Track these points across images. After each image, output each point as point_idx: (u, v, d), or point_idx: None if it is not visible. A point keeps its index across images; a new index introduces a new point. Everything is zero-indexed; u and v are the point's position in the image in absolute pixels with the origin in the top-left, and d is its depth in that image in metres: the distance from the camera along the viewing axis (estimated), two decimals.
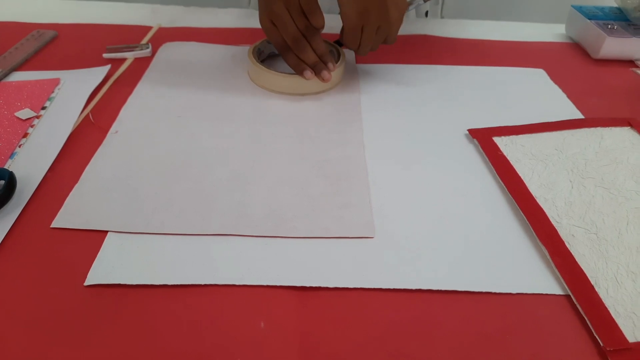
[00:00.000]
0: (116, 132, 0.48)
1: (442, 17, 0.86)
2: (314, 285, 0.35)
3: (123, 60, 0.61)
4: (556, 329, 0.33)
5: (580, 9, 0.71)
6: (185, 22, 0.71)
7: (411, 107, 0.55)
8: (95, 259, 0.36)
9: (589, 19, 0.68)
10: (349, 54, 0.65)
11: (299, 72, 0.54)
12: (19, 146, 0.46)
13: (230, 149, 0.47)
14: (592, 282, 0.35)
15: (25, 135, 0.47)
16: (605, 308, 0.33)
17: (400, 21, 0.55)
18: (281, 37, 0.53)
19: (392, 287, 0.35)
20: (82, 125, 0.49)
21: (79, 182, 0.42)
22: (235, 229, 0.38)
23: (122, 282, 0.34)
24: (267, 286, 0.35)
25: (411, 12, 0.80)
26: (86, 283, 0.34)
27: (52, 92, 0.53)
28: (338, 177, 0.44)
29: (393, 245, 0.38)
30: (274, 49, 0.63)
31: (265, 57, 0.62)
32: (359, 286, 0.35)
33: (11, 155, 0.44)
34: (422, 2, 0.61)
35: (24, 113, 0.49)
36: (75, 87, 0.54)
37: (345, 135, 0.50)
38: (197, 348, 0.31)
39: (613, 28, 0.66)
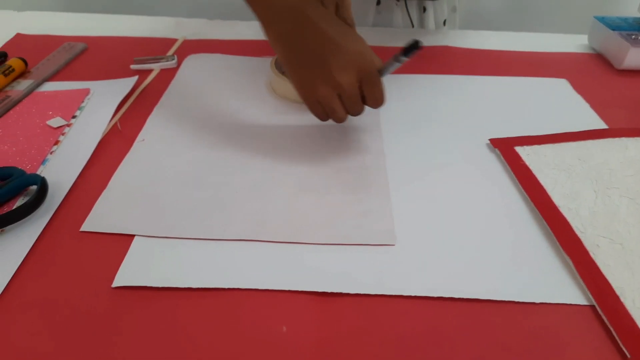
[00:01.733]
0: (143, 140, 0.50)
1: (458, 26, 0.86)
2: (335, 291, 0.35)
3: (150, 71, 0.63)
4: (581, 339, 0.32)
5: (602, 20, 0.70)
6: (209, 34, 0.73)
7: (431, 116, 0.55)
8: (123, 262, 0.36)
9: (612, 29, 0.68)
10: None
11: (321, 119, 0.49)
12: (51, 153, 0.47)
13: (251, 157, 0.48)
14: (618, 293, 0.35)
15: (57, 142, 0.49)
16: (632, 319, 0.33)
17: (353, 85, 0.44)
18: (326, 116, 0.47)
19: (412, 294, 0.35)
20: (110, 134, 0.51)
21: (107, 187, 0.43)
22: (256, 235, 0.39)
23: (148, 285, 0.35)
24: (289, 291, 0.35)
25: (430, 22, 0.81)
26: (114, 285, 0.35)
27: (82, 101, 0.55)
28: (358, 185, 0.44)
29: (414, 253, 0.38)
30: None
31: None
32: (379, 293, 0.35)
33: (43, 162, 0.46)
34: (397, 62, 0.44)
35: (56, 121, 0.51)
36: (104, 97, 0.56)
37: (365, 143, 0.50)
38: (220, 350, 0.31)
39: (637, 38, 0.65)
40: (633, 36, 0.66)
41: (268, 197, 0.43)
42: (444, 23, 0.83)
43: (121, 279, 0.35)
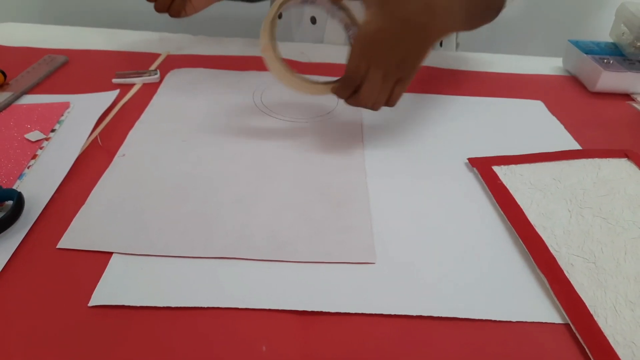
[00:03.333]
0: (123, 155, 0.49)
1: (457, 44, 0.88)
2: (315, 309, 0.35)
3: (132, 85, 0.62)
4: (555, 357, 0.33)
5: (576, 44, 0.73)
6: (193, 49, 0.73)
7: (412, 134, 0.56)
8: (100, 280, 0.36)
9: (586, 53, 0.70)
10: None
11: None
12: (28, 167, 0.47)
13: (234, 173, 0.48)
14: (591, 311, 0.35)
15: (34, 156, 0.48)
16: (605, 337, 0.34)
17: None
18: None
19: (392, 312, 0.35)
20: (90, 148, 0.50)
21: (86, 203, 0.43)
22: (237, 252, 0.39)
23: (125, 304, 0.34)
24: (269, 310, 0.35)
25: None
26: (90, 304, 0.34)
27: (62, 115, 0.55)
28: (340, 202, 0.45)
29: (394, 271, 0.38)
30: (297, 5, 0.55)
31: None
32: (360, 311, 0.35)
33: (20, 176, 0.45)
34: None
35: (34, 135, 0.51)
36: (84, 111, 0.56)
37: (347, 160, 0.51)
38: None
39: (609, 62, 0.68)
40: (605, 60, 0.68)
41: (250, 213, 0.43)
42: (440, 44, 0.85)
43: (98, 298, 0.35)
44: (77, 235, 0.40)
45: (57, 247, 0.38)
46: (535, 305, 0.36)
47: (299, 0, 0.53)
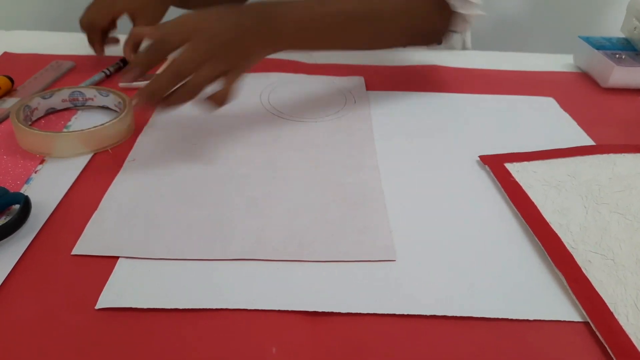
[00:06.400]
0: (134, 160, 0.49)
1: (464, 47, 0.87)
2: (327, 310, 0.34)
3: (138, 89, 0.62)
4: (576, 356, 0.32)
5: (587, 40, 0.72)
6: None
7: (422, 133, 0.55)
8: (107, 283, 0.35)
9: (597, 49, 0.69)
10: (346, 81, 0.66)
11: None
12: (35, 172, 0.46)
13: (246, 175, 0.47)
14: (612, 309, 0.34)
15: (42, 161, 0.48)
16: (627, 335, 0.32)
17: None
18: None
19: (406, 312, 0.34)
20: (98, 153, 0.50)
21: (99, 209, 0.42)
22: (255, 254, 0.38)
23: (133, 306, 0.34)
24: (279, 311, 0.34)
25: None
26: (97, 306, 0.34)
27: (69, 119, 0.55)
28: (355, 202, 0.44)
29: (408, 271, 0.38)
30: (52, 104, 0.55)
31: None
32: (374, 312, 0.34)
33: (27, 181, 0.45)
34: None
35: None
36: (92, 115, 0.55)
37: (360, 160, 0.50)
38: None
39: (621, 58, 0.66)
40: (617, 55, 0.67)
41: (265, 215, 0.42)
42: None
43: (105, 301, 0.34)
44: (91, 241, 0.39)
45: (72, 253, 0.38)
46: (552, 303, 0.35)
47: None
